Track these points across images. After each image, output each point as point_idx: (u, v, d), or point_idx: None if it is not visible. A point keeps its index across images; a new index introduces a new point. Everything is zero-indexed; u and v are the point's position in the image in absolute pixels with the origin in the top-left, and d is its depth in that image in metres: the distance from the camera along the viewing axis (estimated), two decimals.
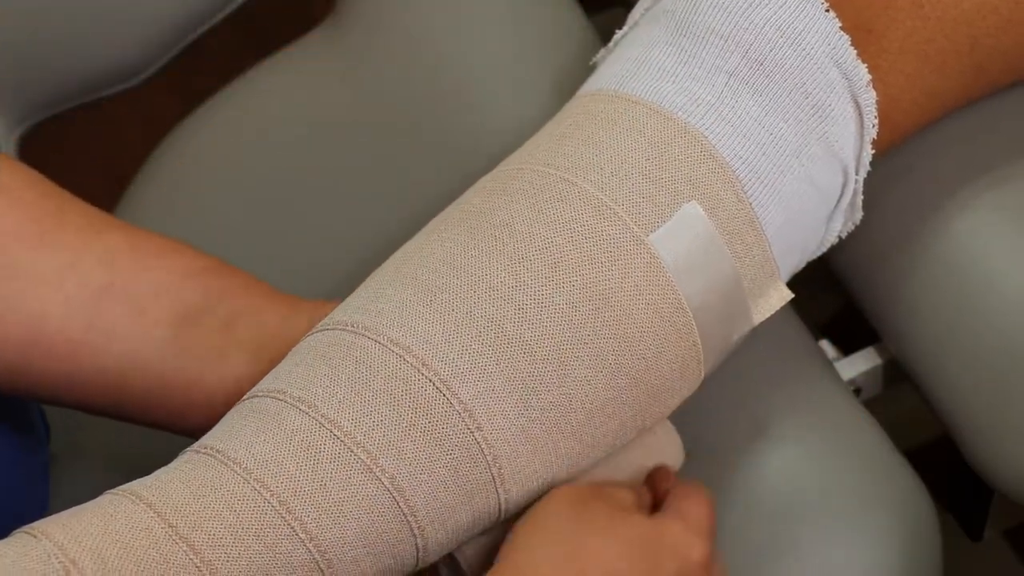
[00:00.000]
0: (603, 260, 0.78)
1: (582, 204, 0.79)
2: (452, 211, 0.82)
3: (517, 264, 0.78)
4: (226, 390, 0.82)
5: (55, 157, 1.52)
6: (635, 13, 0.87)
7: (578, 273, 0.78)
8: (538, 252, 0.78)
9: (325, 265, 0.98)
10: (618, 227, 0.79)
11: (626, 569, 0.75)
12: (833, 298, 1.21)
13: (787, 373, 0.95)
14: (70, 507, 0.75)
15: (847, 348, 1.01)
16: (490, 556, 0.78)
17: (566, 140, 0.82)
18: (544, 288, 0.77)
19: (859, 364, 1.00)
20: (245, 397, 0.79)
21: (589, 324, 0.77)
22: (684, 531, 0.78)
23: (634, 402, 0.79)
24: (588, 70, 0.90)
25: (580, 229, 0.79)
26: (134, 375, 0.82)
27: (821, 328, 1.09)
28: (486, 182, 0.83)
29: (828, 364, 0.96)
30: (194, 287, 0.83)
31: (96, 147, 1.55)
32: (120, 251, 0.83)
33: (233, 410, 0.78)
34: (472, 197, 0.82)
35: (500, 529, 0.79)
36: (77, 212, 0.83)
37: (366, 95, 1.05)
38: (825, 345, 1.01)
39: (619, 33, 0.88)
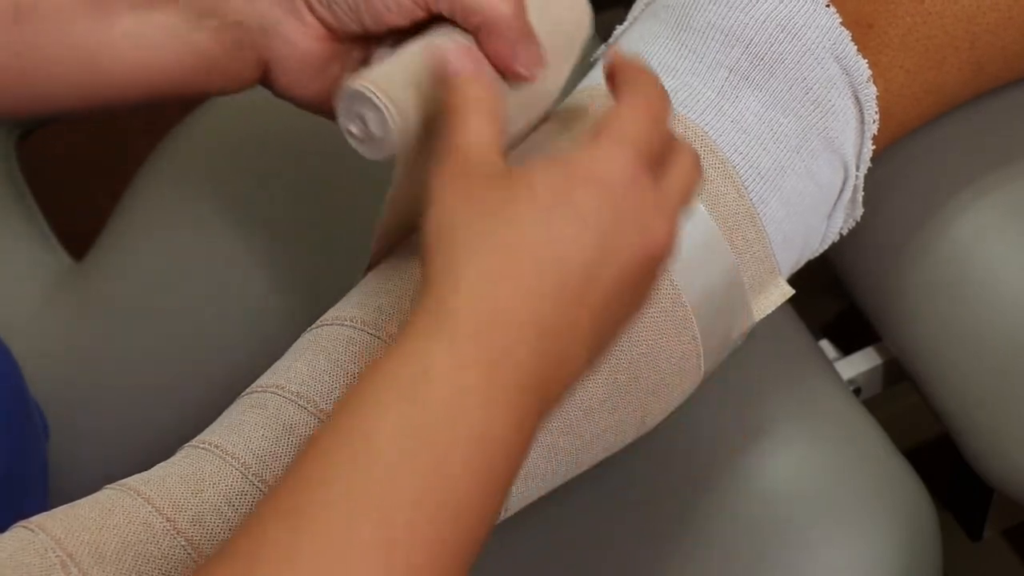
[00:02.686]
0: None
1: None
2: None
3: None
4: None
5: (55, 157, 1.52)
6: (635, 9, 0.87)
7: None
8: None
9: (328, 262, 0.98)
10: None
11: (574, 252, 0.63)
12: (833, 298, 1.22)
13: (787, 373, 0.94)
14: None
15: (847, 348, 1.02)
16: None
17: (565, 133, 0.82)
18: None
19: (859, 364, 1.01)
20: (245, 392, 0.78)
21: None
22: (655, 203, 0.65)
23: (633, 398, 0.79)
24: (587, 68, 0.90)
25: None
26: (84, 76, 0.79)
27: (821, 328, 1.09)
28: None
29: (828, 364, 0.96)
30: None
31: (96, 147, 1.55)
32: None
33: (232, 406, 0.78)
34: None
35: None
36: None
37: None
38: (825, 345, 1.01)
39: (619, 29, 0.88)
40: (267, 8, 0.76)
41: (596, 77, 0.85)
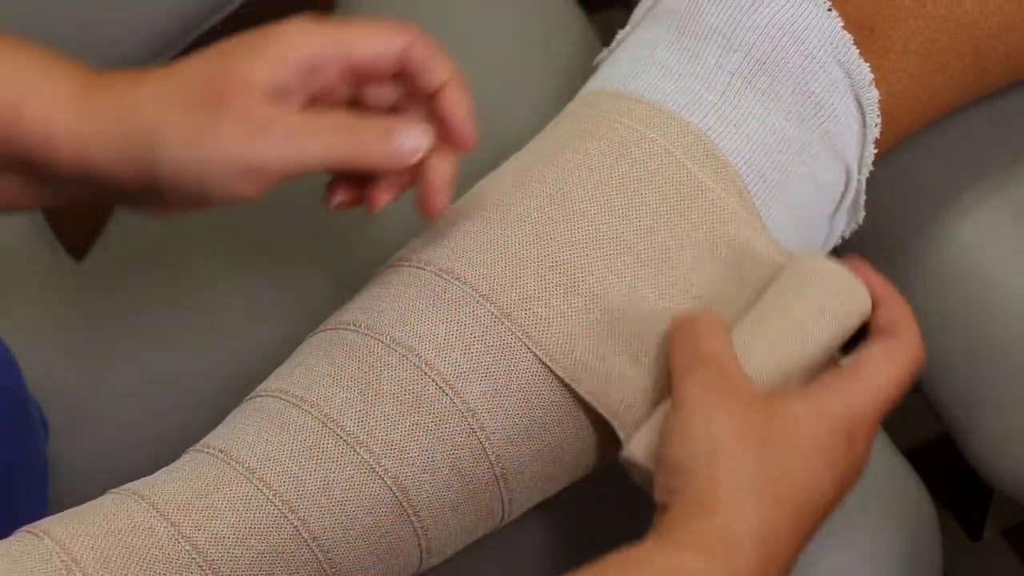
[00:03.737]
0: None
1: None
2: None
3: None
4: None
5: None
6: (637, 13, 0.87)
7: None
8: None
9: (332, 264, 0.98)
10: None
11: (823, 494, 0.71)
12: None
13: None
14: (70, 507, 0.75)
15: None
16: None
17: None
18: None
19: None
20: (248, 397, 0.78)
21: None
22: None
23: None
24: (588, 70, 0.90)
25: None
26: None
27: None
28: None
29: None
30: None
31: None
32: None
33: (236, 410, 0.78)
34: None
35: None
36: None
37: None
38: None
39: (621, 33, 0.88)
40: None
41: (598, 82, 0.85)
